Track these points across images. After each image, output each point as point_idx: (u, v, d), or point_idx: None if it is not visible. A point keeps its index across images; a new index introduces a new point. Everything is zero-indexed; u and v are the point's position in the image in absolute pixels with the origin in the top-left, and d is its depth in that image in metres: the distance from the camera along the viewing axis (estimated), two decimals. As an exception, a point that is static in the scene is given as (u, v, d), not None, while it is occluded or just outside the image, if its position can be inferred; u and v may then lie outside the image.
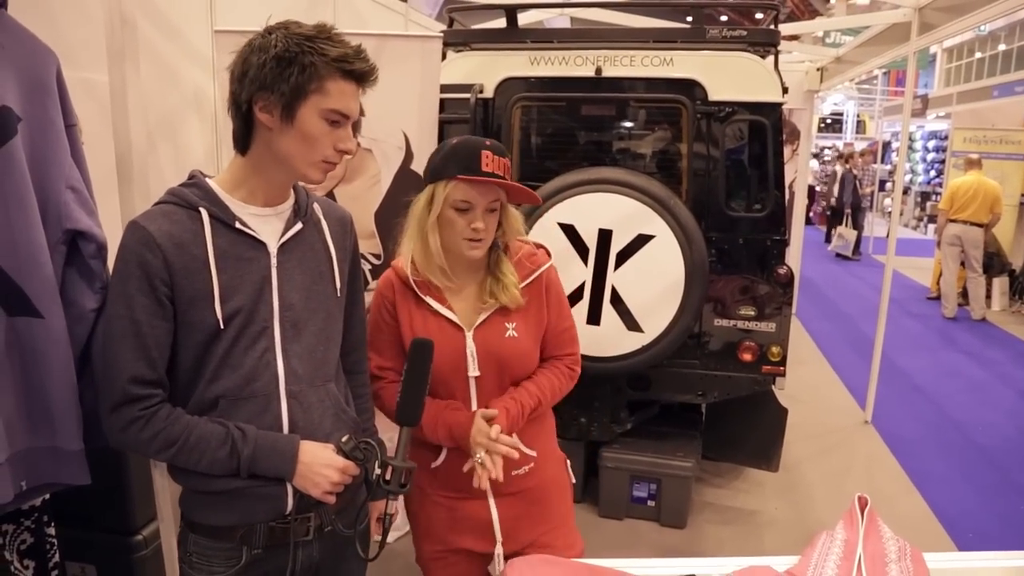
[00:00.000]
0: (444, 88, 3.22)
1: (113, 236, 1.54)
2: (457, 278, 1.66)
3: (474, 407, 1.67)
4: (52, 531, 1.60)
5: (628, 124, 3.77)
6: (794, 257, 6.92)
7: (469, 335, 1.64)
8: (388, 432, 1.56)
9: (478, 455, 1.57)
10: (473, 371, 1.64)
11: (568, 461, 1.89)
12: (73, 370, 1.43)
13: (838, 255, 12.34)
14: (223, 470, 1.32)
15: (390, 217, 3.19)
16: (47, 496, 1.58)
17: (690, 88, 3.31)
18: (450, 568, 1.77)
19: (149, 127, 2.51)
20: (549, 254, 1.76)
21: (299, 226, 1.42)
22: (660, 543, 3.35)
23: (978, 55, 17.66)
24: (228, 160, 1.40)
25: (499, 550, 1.71)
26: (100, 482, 1.54)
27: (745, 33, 3.43)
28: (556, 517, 1.80)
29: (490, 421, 1.61)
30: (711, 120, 3.32)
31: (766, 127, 3.30)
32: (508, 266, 1.67)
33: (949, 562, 1.42)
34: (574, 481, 1.90)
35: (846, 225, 12.48)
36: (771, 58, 3.51)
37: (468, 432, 1.60)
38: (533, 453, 1.73)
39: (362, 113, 1.39)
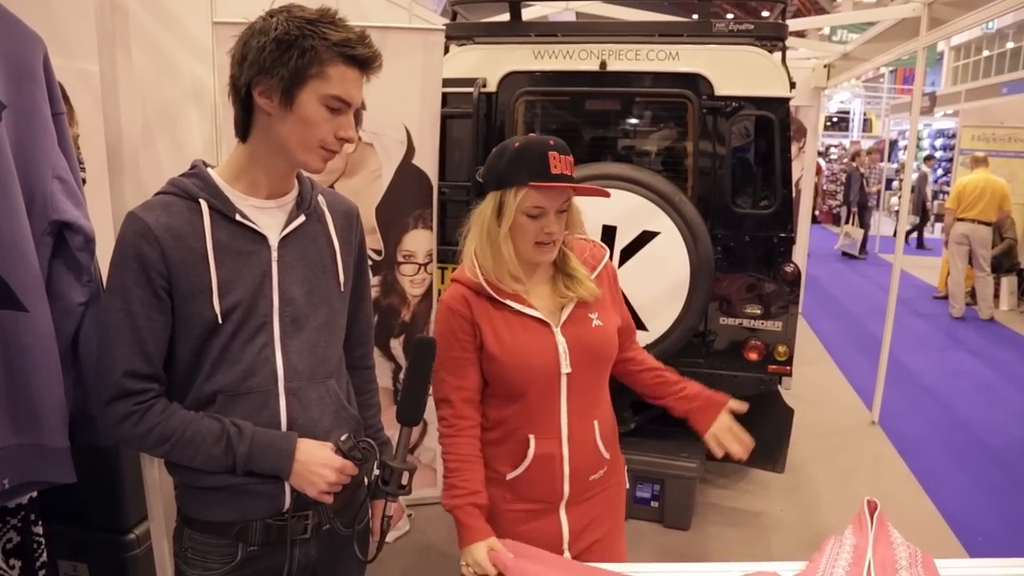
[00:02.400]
0: (446, 82, 3.19)
1: (104, 228, 1.50)
2: (528, 281, 1.62)
3: (563, 406, 1.60)
4: (39, 530, 1.57)
5: (633, 119, 3.73)
6: (800, 256, 6.87)
7: (557, 331, 1.59)
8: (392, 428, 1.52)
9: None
10: (565, 367, 1.59)
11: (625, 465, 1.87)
12: (59, 366, 1.39)
13: (844, 254, 12.28)
14: (218, 467, 1.30)
15: (391, 212, 3.18)
16: (34, 494, 1.54)
17: (696, 82, 3.27)
18: None
19: (147, 119, 2.47)
20: (604, 247, 1.76)
21: (301, 219, 1.39)
22: (663, 545, 3.31)
23: (986, 53, 17.55)
24: (227, 153, 1.37)
25: (567, 556, 1.67)
26: (93, 480, 1.51)
27: (752, 27, 3.39)
28: (618, 518, 1.78)
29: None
30: (717, 115, 3.28)
31: (773, 122, 3.25)
32: (575, 261, 1.65)
33: (961, 569, 1.39)
34: (627, 485, 1.87)
35: (852, 224, 12.43)
36: (778, 52, 3.46)
37: (468, 540, 1.52)
38: (608, 456, 1.70)
39: (363, 107, 1.36)
